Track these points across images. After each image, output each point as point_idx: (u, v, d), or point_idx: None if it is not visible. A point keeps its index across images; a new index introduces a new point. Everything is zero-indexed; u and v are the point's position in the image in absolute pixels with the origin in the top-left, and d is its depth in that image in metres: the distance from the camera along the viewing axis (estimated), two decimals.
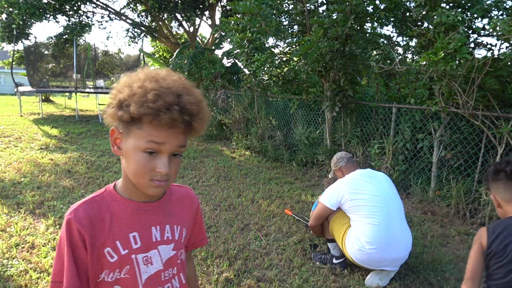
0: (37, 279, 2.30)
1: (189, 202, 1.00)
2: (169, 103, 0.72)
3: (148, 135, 0.74)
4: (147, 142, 0.74)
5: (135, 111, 0.71)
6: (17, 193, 3.85)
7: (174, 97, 0.73)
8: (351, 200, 2.37)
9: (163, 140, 0.75)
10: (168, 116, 0.71)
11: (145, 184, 0.78)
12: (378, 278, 2.36)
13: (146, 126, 0.74)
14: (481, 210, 3.48)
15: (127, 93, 0.74)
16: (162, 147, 0.75)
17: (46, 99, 17.72)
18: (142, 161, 0.76)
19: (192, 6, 13.05)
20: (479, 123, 3.46)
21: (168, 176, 0.78)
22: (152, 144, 0.75)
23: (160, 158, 0.76)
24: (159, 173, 0.76)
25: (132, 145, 0.76)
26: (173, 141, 0.76)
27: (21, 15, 11.40)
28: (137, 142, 0.75)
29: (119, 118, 0.75)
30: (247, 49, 5.94)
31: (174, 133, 0.75)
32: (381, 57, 4.96)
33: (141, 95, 0.72)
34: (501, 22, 3.04)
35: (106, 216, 0.82)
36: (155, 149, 0.75)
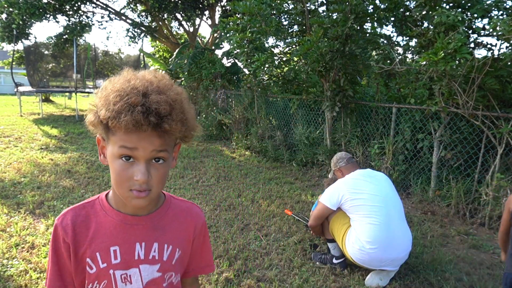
0: (37, 279, 2.30)
1: (189, 219, 0.88)
2: (131, 104, 0.65)
3: (119, 140, 0.69)
4: (119, 148, 0.69)
5: (103, 115, 0.67)
6: (17, 193, 3.85)
7: (138, 97, 0.66)
8: (351, 200, 2.37)
9: (134, 145, 0.68)
10: (129, 118, 0.64)
11: (124, 194, 0.72)
12: (378, 278, 2.36)
13: (118, 132, 0.68)
14: (481, 210, 3.48)
15: (99, 96, 0.70)
16: (135, 153, 0.69)
17: (46, 99, 17.72)
18: (118, 168, 0.71)
19: (192, 6, 13.05)
20: (479, 123, 3.46)
21: (148, 185, 0.71)
22: (124, 150, 0.69)
23: (137, 165, 0.70)
24: (136, 182, 0.69)
25: (110, 152, 0.72)
26: (147, 145, 0.68)
27: (21, 15, 11.40)
28: (112, 149, 0.71)
29: (93, 124, 0.72)
30: (247, 49, 5.94)
31: (146, 137, 0.68)
32: (381, 57, 4.96)
33: (106, 98, 0.68)
34: (501, 22, 3.04)
35: (91, 224, 0.79)
36: (130, 155, 0.69)
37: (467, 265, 2.70)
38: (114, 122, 0.65)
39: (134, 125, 0.65)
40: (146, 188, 0.71)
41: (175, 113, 0.69)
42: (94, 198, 0.84)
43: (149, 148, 0.69)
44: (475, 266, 2.69)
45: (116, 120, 0.65)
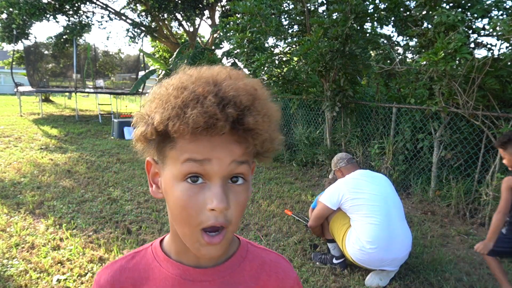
0: (37, 279, 2.30)
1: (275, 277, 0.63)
2: (199, 93, 0.47)
3: (183, 152, 0.49)
4: (184, 164, 0.48)
5: (159, 119, 0.48)
6: (17, 193, 3.84)
7: (208, 86, 0.49)
8: (351, 199, 2.37)
9: (206, 155, 0.48)
10: (198, 111, 0.46)
11: (192, 238, 0.51)
12: (378, 278, 2.36)
13: (180, 141, 0.49)
14: (481, 210, 3.48)
15: (151, 99, 0.52)
16: (208, 168, 0.48)
17: (46, 99, 17.72)
18: (183, 195, 0.49)
19: (192, 6, 13.05)
20: (479, 123, 3.46)
21: (226, 219, 0.49)
22: (191, 165, 0.48)
23: (210, 188, 0.49)
24: (210, 213, 0.48)
25: (169, 176, 0.51)
26: (223, 155, 0.48)
27: (21, 15, 11.40)
28: (173, 169, 0.50)
29: (144, 137, 0.51)
30: (247, 49, 5.94)
31: (221, 143, 0.48)
32: (381, 57, 4.97)
33: (161, 98, 0.50)
34: (501, 22, 3.04)
35: (141, 283, 0.59)
36: (199, 173, 0.49)
37: (467, 265, 2.70)
38: (177, 122, 0.46)
39: (207, 122, 0.46)
40: (222, 223, 0.49)
41: (259, 104, 0.51)
42: (146, 246, 0.63)
43: (226, 159, 0.49)
44: (475, 266, 2.69)
45: (178, 118, 0.46)
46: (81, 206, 3.56)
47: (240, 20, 6.07)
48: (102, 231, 3.03)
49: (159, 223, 3.23)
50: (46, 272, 2.38)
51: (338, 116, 5.12)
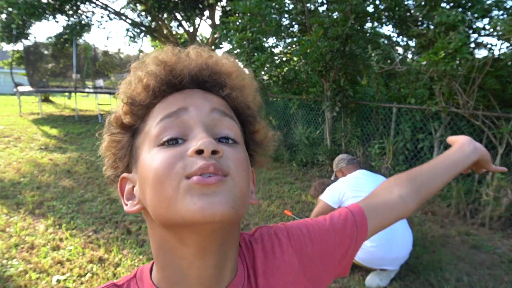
0: (37, 279, 2.29)
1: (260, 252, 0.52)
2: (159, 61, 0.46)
3: (156, 116, 0.43)
4: (158, 124, 0.42)
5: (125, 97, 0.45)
6: (17, 193, 3.84)
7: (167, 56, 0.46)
8: (352, 197, 2.37)
9: (180, 104, 0.42)
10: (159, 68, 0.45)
11: (177, 194, 0.38)
12: (378, 278, 2.36)
13: (152, 113, 0.44)
14: (481, 211, 3.47)
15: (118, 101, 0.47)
16: (185, 118, 0.42)
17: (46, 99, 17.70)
18: (161, 155, 0.40)
19: (192, 6, 13.04)
20: (480, 123, 3.46)
21: (221, 163, 0.39)
22: (165, 123, 0.41)
23: (193, 136, 0.40)
24: (195, 159, 0.38)
25: (144, 154, 0.43)
26: (199, 100, 0.43)
27: (21, 15, 11.39)
28: (147, 143, 0.43)
29: (117, 146, 0.47)
30: (247, 49, 5.93)
31: (195, 92, 0.45)
32: (381, 57, 4.96)
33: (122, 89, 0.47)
34: (502, 22, 3.03)
35: None
36: (176, 134, 0.41)
37: (468, 265, 2.70)
38: (138, 85, 0.44)
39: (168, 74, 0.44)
40: (217, 167, 0.38)
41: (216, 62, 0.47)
42: (129, 278, 0.49)
43: (205, 105, 0.43)
44: (475, 267, 2.68)
45: (139, 81, 0.44)
46: (81, 206, 3.56)
47: (240, 20, 6.07)
48: (102, 231, 3.02)
49: None
50: (46, 273, 2.37)
51: (338, 116, 5.11)
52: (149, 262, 0.51)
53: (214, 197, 0.37)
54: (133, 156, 0.46)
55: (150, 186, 0.40)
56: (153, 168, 0.39)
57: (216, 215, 0.36)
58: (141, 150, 0.44)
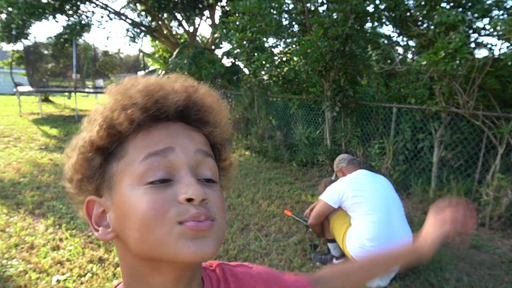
0: (37, 279, 2.29)
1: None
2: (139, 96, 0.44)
3: (139, 151, 0.42)
4: (143, 162, 0.41)
5: (96, 131, 0.43)
6: (17, 193, 3.84)
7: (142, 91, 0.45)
8: (352, 197, 2.37)
9: (168, 143, 0.43)
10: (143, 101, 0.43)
11: (171, 236, 0.39)
12: (378, 278, 2.36)
13: (132, 143, 0.43)
14: (481, 210, 3.47)
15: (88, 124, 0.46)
16: (172, 158, 0.42)
17: (46, 99, 17.71)
18: (147, 197, 0.40)
19: (192, 6, 13.04)
20: (480, 123, 3.46)
21: (208, 210, 0.41)
22: (151, 161, 0.41)
23: (180, 179, 0.41)
24: (186, 206, 0.40)
25: (124, 189, 0.42)
26: (185, 140, 0.44)
27: (21, 15, 11.39)
28: (128, 179, 0.42)
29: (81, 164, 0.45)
30: (247, 49, 5.93)
31: (180, 129, 0.45)
32: (381, 57, 4.96)
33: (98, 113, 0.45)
34: (502, 22, 3.03)
35: None
36: (164, 173, 0.41)
37: (468, 265, 2.70)
38: (122, 114, 0.42)
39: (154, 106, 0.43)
40: (206, 214, 0.40)
41: (199, 96, 0.49)
42: None
43: (191, 147, 0.44)
44: (475, 266, 2.68)
45: (123, 109, 0.43)
46: None
47: (240, 20, 6.07)
48: None
49: None
50: (46, 273, 2.37)
51: (338, 116, 5.11)
52: None
53: (205, 241, 0.40)
54: (106, 181, 0.44)
55: (136, 226, 0.40)
56: (140, 210, 0.40)
57: (205, 257, 0.40)
58: (120, 182, 0.43)
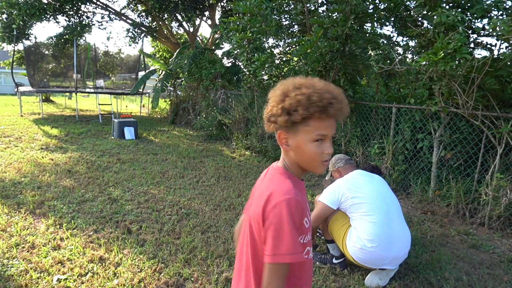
0: (37, 278, 2.31)
1: None
2: (329, 99, 0.90)
3: (315, 129, 0.92)
4: (318, 135, 0.92)
5: (305, 112, 0.89)
6: (18, 193, 3.85)
7: (329, 94, 0.91)
8: (351, 198, 2.37)
9: (327, 132, 0.93)
10: (333, 108, 0.90)
11: (318, 166, 0.96)
12: (378, 277, 2.36)
13: (312, 123, 0.91)
14: (480, 210, 3.48)
15: (290, 101, 0.91)
16: (326, 137, 0.94)
17: (47, 99, 17.73)
18: (315, 149, 0.93)
19: (193, 6, 13.05)
20: (479, 123, 3.46)
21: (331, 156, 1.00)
22: (320, 136, 0.93)
23: (326, 143, 0.95)
24: (327, 154, 0.94)
25: (303, 140, 0.94)
26: (332, 129, 0.94)
27: (21, 15, 11.41)
28: (307, 136, 0.93)
29: (291, 122, 0.92)
30: (247, 49, 5.94)
31: (332, 123, 0.93)
32: (381, 57, 4.96)
33: (306, 99, 0.90)
34: (501, 22, 3.04)
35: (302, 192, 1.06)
36: (322, 138, 0.93)
37: (467, 265, 2.71)
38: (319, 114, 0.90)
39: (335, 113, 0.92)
40: (330, 158, 0.98)
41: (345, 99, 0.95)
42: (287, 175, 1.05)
43: (333, 131, 0.95)
44: (474, 266, 2.69)
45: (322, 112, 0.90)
46: (82, 206, 3.57)
47: (240, 20, 6.09)
48: (102, 231, 3.03)
49: (159, 223, 3.24)
50: (47, 272, 2.38)
51: None
52: (149, 262, 0.54)
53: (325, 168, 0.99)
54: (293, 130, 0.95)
55: (305, 156, 0.97)
56: (312, 151, 0.95)
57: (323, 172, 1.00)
58: (302, 135, 0.94)
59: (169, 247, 2.78)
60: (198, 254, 2.69)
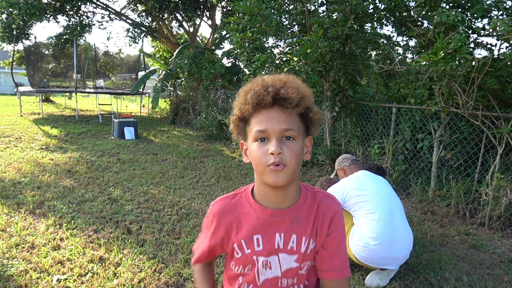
0: (37, 279, 2.30)
1: (321, 210, 0.90)
2: (257, 90, 0.80)
3: (253, 126, 0.81)
4: (255, 132, 0.80)
5: (240, 110, 0.83)
6: (17, 193, 3.85)
7: (262, 86, 0.81)
8: (356, 196, 2.38)
9: (265, 126, 0.79)
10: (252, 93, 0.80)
11: (264, 172, 0.80)
12: (378, 278, 2.36)
13: (252, 121, 0.82)
14: (481, 210, 3.48)
15: (236, 103, 0.86)
16: (268, 134, 0.79)
17: (46, 99, 17.73)
18: (256, 148, 0.80)
19: (193, 6, 13.05)
20: (479, 123, 3.46)
21: (282, 159, 0.77)
22: (258, 133, 0.80)
23: (270, 141, 0.79)
24: (271, 156, 0.78)
25: (249, 143, 0.83)
26: (275, 123, 0.78)
27: (21, 15, 11.41)
28: (250, 138, 0.82)
29: (235, 126, 0.86)
30: (247, 49, 5.94)
31: (272, 116, 0.79)
32: (381, 57, 4.96)
33: (241, 98, 0.84)
34: (501, 22, 3.04)
35: (238, 215, 0.90)
36: (264, 137, 0.79)
37: (467, 265, 2.70)
38: (246, 107, 0.81)
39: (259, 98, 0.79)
40: (280, 162, 0.77)
41: (288, 84, 0.80)
42: (240, 191, 0.94)
43: (277, 127, 0.78)
44: (475, 266, 2.69)
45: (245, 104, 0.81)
46: (82, 206, 3.57)
47: (240, 20, 6.08)
48: (102, 231, 3.03)
49: (159, 223, 3.24)
50: (46, 272, 2.38)
51: (338, 116, 5.12)
52: (149, 262, 0.55)
53: (279, 176, 0.79)
54: (246, 134, 0.85)
55: (253, 161, 0.82)
56: (254, 153, 0.81)
57: (279, 184, 0.80)
58: (248, 136, 0.84)
59: (169, 247, 2.78)
60: None
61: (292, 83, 0.81)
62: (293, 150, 0.78)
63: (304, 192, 0.90)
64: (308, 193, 0.91)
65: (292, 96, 0.78)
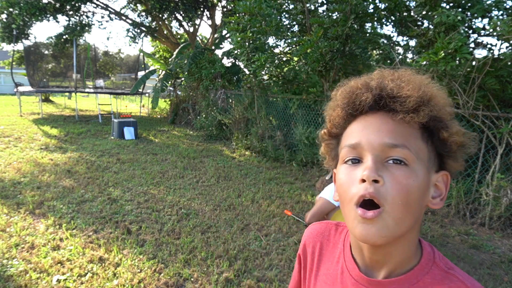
0: (37, 279, 2.30)
1: None
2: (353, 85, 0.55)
3: (344, 141, 0.54)
4: (344, 149, 0.53)
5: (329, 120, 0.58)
6: (17, 193, 3.84)
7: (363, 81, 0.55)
8: None
9: (358, 138, 0.51)
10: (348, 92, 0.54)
11: (349, 215, 0.50)
12: None
13: (344, 134, 0.56)
14: (481, 210, 3.48)
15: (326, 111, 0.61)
16: (361, 150, 0.51)
17: (46, 99, 17.72)
18: (342, 175, 0.52)
19: (193, 6, 13.05)
20: (479, 123, 3.46)
21: (378, 193, 0.47)
22: (348, 150, 0.52)
23: (364, 163, 0.50)
24: (361, 186, 0.48)
25: (337, 168, 0.56)
26: (373, 134, 0.50)
27: (21, 15, 11.40)
28: (339, 160, 0.55)
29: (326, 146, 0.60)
30: (247, 49, 5.94)
31: (371, 123, 0.51)
32: (381, 57, 4.96)
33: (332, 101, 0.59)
34: (501, 22, 3.04)
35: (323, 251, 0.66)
36: (356, 157, 0.51)
37: (467, 265, 2.70)
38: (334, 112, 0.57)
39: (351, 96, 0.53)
40: (375, 196, 0.47)
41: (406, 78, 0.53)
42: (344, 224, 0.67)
43: (376, 140, 0.49)
44: (475, 266, 2.69)
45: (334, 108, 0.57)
46: (81, 206, 3.56)
47: (240, 20, 6.08)
48: (102, 231, 3.03)
49: (159, 223, 3.23)
50: (46, 272, 2.38)
51: None
52: (149, 263, 0.55)
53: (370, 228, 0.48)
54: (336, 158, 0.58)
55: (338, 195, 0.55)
56: (338, 181, 0.53)
57: (370, 241, 0.49)
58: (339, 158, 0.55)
59: (169, 247, 2.77)
60: (198, 255, 2.68)
61: (410, 77, 0.52)
62: (401, 182, 0.48)
63: (425, 262, 0.53)
64: (433, 268, 0.53)
65: (407, 94, 0.49)
